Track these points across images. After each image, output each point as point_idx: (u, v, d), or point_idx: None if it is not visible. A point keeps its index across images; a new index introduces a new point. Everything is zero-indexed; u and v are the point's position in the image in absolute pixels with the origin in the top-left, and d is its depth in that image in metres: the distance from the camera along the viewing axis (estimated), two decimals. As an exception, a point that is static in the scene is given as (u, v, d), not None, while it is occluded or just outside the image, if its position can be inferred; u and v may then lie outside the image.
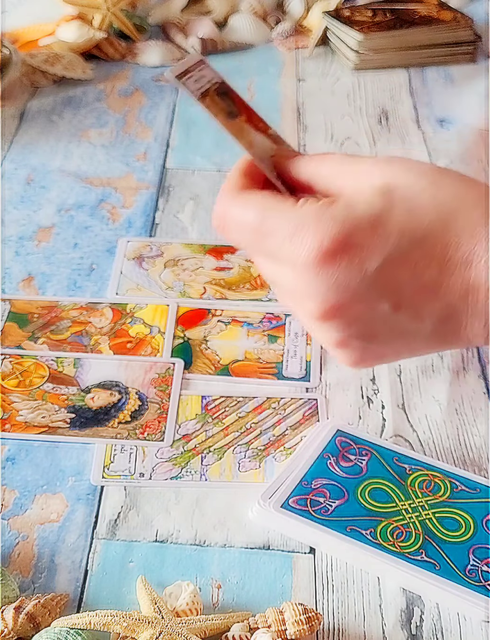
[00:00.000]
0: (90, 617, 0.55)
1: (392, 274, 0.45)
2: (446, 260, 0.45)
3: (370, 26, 1.28)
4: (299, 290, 0.47)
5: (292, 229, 0.46)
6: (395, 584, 0.60)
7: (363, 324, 0.48)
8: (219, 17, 1.38)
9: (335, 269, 0.45)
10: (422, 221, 0.45)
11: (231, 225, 0.49)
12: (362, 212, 0.45)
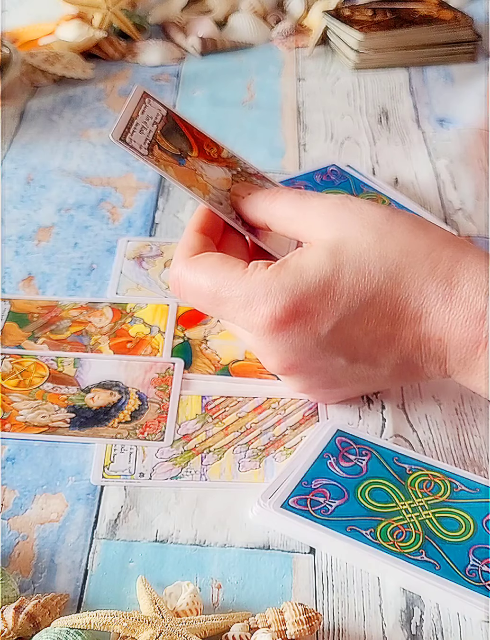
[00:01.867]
0: (90, 617, 0.55)
1: (345, 333, 0.48)
2: (397, 316, 0.47)
3: (370, 25, 1.28)
4: (257, 348, 0.51)
5: (244, 299, 0.48)
6: (395, 584, 0.60)
7: (322, 375, 0.52)
8: (219, 16, 1.38)
9: (290, 335, 0.48)
10: (371, 281, 0.47)
11: (186, 290, 0.52)
12: (311, 277, 0.47)
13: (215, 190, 0.51)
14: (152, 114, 0.50)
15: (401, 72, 1.28)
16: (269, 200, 0.52)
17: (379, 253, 0.47)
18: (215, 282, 0.50)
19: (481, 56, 1.31)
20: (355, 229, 0.48)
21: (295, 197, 0.51)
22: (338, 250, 0.47)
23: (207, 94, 1.21)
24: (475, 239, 0.94)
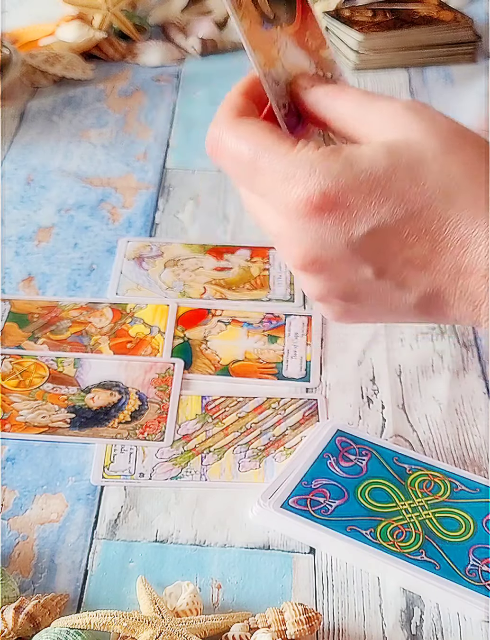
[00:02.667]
0: (90, 617, 0.55)
1: (380, 242, 0.43)
2: (441, 238, 0.42)
3: (370, 26, 1.28)
4: (283, 235, 0.46)
5: (284, 173, 0.43)
6: (395, 584, 0.60)
7: (343, 283, 0.46)
8: (219, 17, 1.38)
9: (321, 225, 0.43)
10: (423, 192, 0.42)
11: (224, 153, 0.47)
12: (362, 170, 0.42)
13: (282, 70, 0.47)
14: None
15: (401, 73, 1.28)
16: (333, 95, 0.47)
17: (441, 166, 0.42)
18: (257, 150, 0.44)
19: (481, 57, 1.31)
20: (422, 135, 0.43)
21: (362, 95, 0.47)
22: (398, 151, 0.42)
23: (207, 94, 1.21)
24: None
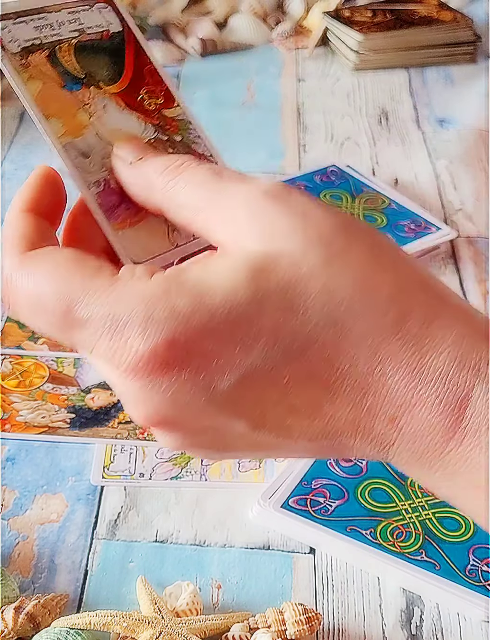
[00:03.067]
0: (90, 617, 0.55)
1: (252, 392, 0.32)
2: (332, 380, 0.32)
3: (370, 26, 1.28)
4: (124, 393, 0.33)
5: (111, 322, 0.31)
6: (395, 584, 0.60)
7: (209, 437, 0.34)
8: (219, 17, 1.38)
9: (172, 383, 0.32)
10: (304, 324, 0.31)
11: (20, 301, 0.34)
12: (218, 305, 0.31)
13: (95, 139, 0.36)
14: (90, 20, 0.37)
15: (401, 73, 1.28)
16: (170, 174, 0.35)
17: (324, 284, 0.31)
18: (66, 292, 0.32)
19: (481, 57, 1.31)
20: (294, 241, 0.32)
21: (208, 175, 0.35)
22: (264, 271, 0.31)
23: (207, 94, 1.21)
24: (475, 239, 0.94)
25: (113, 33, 0.38)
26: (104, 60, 0.38)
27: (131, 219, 0.37)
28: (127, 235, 0.37)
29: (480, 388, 0.30)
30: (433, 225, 0.93)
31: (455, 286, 0.87)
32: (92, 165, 0.37)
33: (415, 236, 0.91)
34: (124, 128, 0.37)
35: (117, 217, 0.36)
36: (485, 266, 0.90)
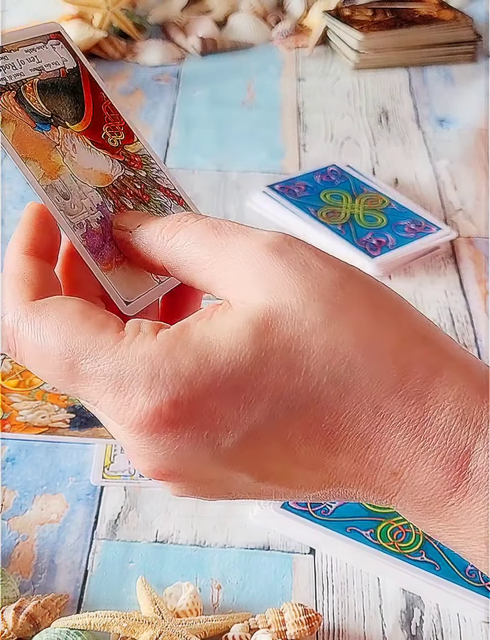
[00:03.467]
0: (90, 618, 0.55)
1: (256, 448, 0.33)
2: (335, 437, 0.32)
3: (370, 26, 1.28)
4: (129, 447, 0.34)
5: (115, 380, 0.32)
6: (395, 585, 0.60)
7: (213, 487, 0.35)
8: (219, 16, 1.38)
9: (177, 440, 0.32)
10: (307, 383, 0.32)
11: (26, 352, 0.34)
12: (222, 364, 0.32)
13: (69, 180, 0.36)
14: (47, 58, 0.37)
15: (401, 72, 1.28)
16: (168, 233, 0.36)
17: (326, 342, 0.32)
18: (72, 347, 0.33)
19: (481, 56, 1.31)
20: (296, 297, 0.32)
21: (207, 230, 0.35)
22: (267, 328, 0.32)
23: (207, 94, 1.21)
24: (475, 239, 0.94)
25: (69, 70, 0.38)
26: (65, 99, 0.38)
27: (115, 258, 0.37)
28: (115, 275, 0.37)
29: (482, 444, 0.31)
30: (433, 225, 0.93)
31: (455, 286, 0.87)
32: (73, 206, 0.37)
33: (415, 236, 0.91)
34: (94, 167, 0.37)
35: (103, 258, 0.37)
36: (485, 266, 0.90)
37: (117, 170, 0.38)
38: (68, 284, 0.37)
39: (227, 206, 0.98)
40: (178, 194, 0.40)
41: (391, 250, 0.89)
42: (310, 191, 0.97)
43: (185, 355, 0.32)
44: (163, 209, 0.39)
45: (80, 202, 0.37)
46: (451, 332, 0.81)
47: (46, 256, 0.36)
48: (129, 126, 0.39)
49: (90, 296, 0.37)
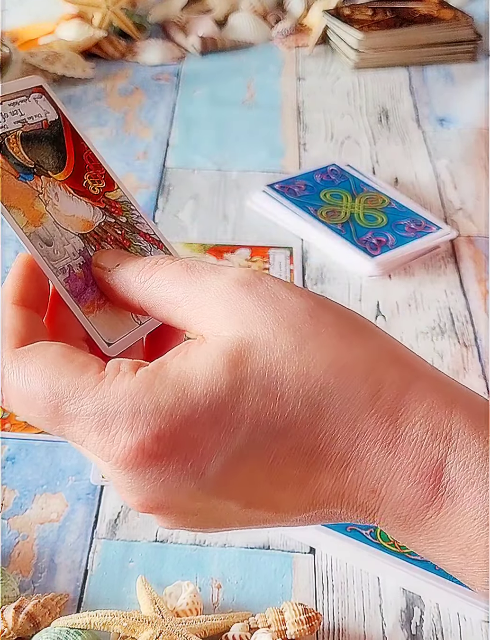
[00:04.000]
0: (90, 617, 0.55)
1: (239, 474, 0.34)
2: (314, 457, 0.34)
3: (370, 25, 1.28)
4: (116, 482, 0.35)
5: (99, 418, 0.34)
6: (395, 584, 0.60)
7: (202, 517, 0.36)
8: (219, 15, 1.38)
9: (161, 472, 0.34)
10: (283, 408, 0.33)
11: (12, 397, 0.36)
12: (200, 396, 0.33)
13: (52, 227, 0.38)
14: (29, 111, 0.39)
15: (401, 72, 1.28)
16: (145, 274, 0.37)
17: (298, 368, 0.33)
18: (55, 390, 0.34)
19: (481, 55, 1.31)
20: (267, 327, 0.34)
21: (181, 270, 0.37)
22: (241, 358, 0.33)
23: (207, 93, 1.21)
24: (476, 239, 0.94)
25: (51, 121, 0.40)
26: (47, 149, 0.39)
27: (97, 301, 0.39)
28: (97, 318, 0.39)
29: (453, 457, 0.32)
30: (433, 225, 0.93)
31: (455, 285, 0.87)
32: (56, 252, 0.38)
33: (415, 235, 0.91)
34: (76, 214, 0.39)
35: (85, 302, 0.38)
36: (485, 266, 0.90)
37: (98, 217, 0.40)
38: (53, 329, 0.39)
39: (227, 206, 0.98)
40: (157, 238, 0.41)
41: (391, 249, 0.89)
42: (310, 190, 0.97)
43: (164, 389, 0.33)
44: (143, 253, 0.40)
45: (63, 248, 0.38)
46: (451, 331, 0.81)
47: (34, 305, 0.38)
48: (109, 174, 0.41)
49: (75, 340, 0.38)
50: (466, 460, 0.32)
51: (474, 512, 0.32)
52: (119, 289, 0.38)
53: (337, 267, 0.89)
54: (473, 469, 0.32)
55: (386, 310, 0.84)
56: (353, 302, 0.85)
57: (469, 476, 0.32)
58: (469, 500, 0.32)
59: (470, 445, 0.32)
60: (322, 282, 0.88)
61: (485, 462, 0.32)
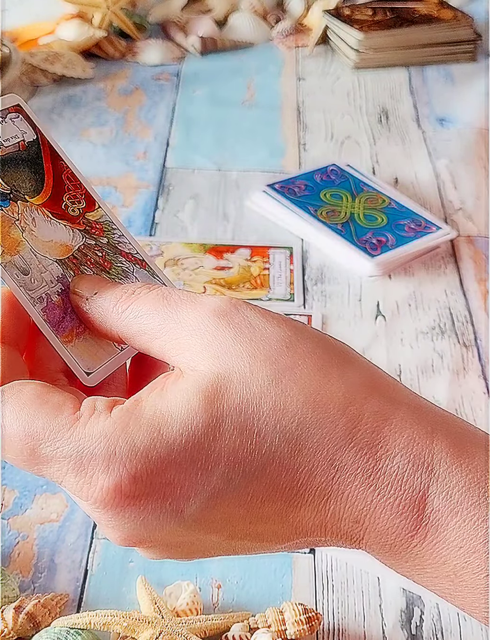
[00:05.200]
0: (90, 617, 0.55)
1: (219, 512, 0.34)
2: (294, 492, 0.34)
3: (370, 25, 1.28)
4: (95, 519, 0.36)
5: (74, 461, 0.34)
6: (395, 584, 0.60)
7: (186, 549, 0.37)
8: (219, 15, 1.38)
9: (140, 512, 0.34)
10: (260, 445, 0.33)
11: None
12: (175, 435, 0.33)
13: (29, 255, 0.37)
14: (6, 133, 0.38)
15: (401, 72, 1.28)
16: (122, 305, 0.37)
17: (274, 403, 0.33)
18: (31, 433, 0.34)
19: (481, 56, 1.31)
20: (243, 361, 0.34)
21: (157, 301, 0.36)
22: (217, 395, 0.33)
23: (207, 93, 1.21)
24: (475, 239, 0.94)
25: (28, 142, 0.38)
26: (24, 172, 0.38)
27: (76, 329, 0.38)
28: (76, 347, 0.38)
29: (436, 487, 0.32)
30: (433, 225, 0.92)
31: (455, 285, 0.87)
32: (33, 281, 0.37)
33: (415, 235, 0.91)
34: (54, 239, 0.38)
35: (63, 330, 0.37)
36: (485, 265, 0.90)
37: (77, 240, 0.39)
38: (31, 363, 0.39)
39: (227, 205, 0.98)
40: (140, 257, 0.40)
41: (391, 249, 0.89)
42: (310, 190, 0.97)
43: (139, 430, 0.33)
44: (125, 274, 0.39)
45: (40, 276, 0.37)
46: (451, 331, 0.81)
47: (13, 341, 0.38)
48: (89, 193, 0.40)
49: (53, 372, 0.38)
50: (449, 490, 0.32)
51: (459, 540, 0.32)
52: (96, 319, 0.38)
53: (337, 267, 0.89)
54: (456, 498, 0.32)
55: (386, 310, 0.84)
56: (353, 302, 0.85)
57: (452, 505, 0.32)
58: (454, 530, 0.32)
59: (453, 475, 0.32)
60: (322, 282, 0.88)
61: (468, 492, 0.32)
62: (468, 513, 0.32)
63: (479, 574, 0.32)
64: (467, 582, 0.32)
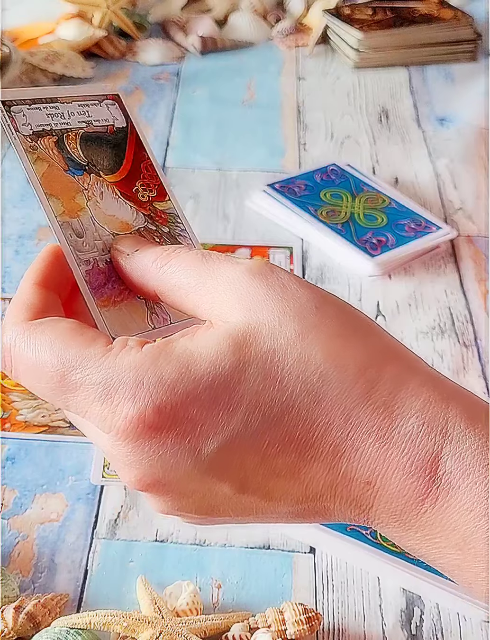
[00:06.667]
0: (90, 617, 0.55)
1: (235, 457, 0.35)
2: (309, 445, 0.34)
3: (370, 24, 1.28)
4: (114, 456, 0.36)
5: (103, 388, 0.35)
6: (395, 584, 0.60)
7: (196, 500, 0.37)
8: (219, 15, 1.38)
9: (160, 446, 0.35)
10: (281, 392, 0.34)
11: (21, 366, 0.37)
12: (202, 373, 0.34)
13: (89, 222, 0.39)
14: (98, 114, 0.41)
15: (401, 71, 1.28)
16: (162, 261, 0.38)
17: (299, 354, 0.34)
18: (63, 359, 0.35)
19: (481, 55, 1.31)
20: (273, 314, 0.35)
21: (196, 259, 0.38)
22: (246, 341, 0.34)
23: (207, 93, 1.21)
24: (476, 238, 0.94)
25: (117, 128, 0.41)
26: (105, 151, 0.41)
27: (115, 298, 0.40)
28: (110, 313, 0.39)
29: (449, 449, 0.33)
30: (433, 225, 0.92)
31: (455, 285, 0.87)
32: (85, 244, 0.39)
33: (415, 235, 0.91)
34: (117, 215, 0.40)
35: (102, 295, 0.39)
36: (485, 265, 0.90)
37: (139, 222, 0.41)
38: (70, 312, 0.40)
39: (227, 205, 0.98)
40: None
41: (391, 249, 0.89)
42: (310, 190, 0.97)
43: (168, 364, 0.34)
44: None
45: (93, 243, 0.39)
46: (451, 331, 0.81)
47: (54, 289, 0.39)
48: (163, 186, 0.42)
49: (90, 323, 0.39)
50: (462, 452, 0.33)
51: (470, 503, 0.32)
52: (135, 274, 0.39)
53: (337, 267, 0.89)
54: (469, 460, 0.32)
55: (386, 310, 0.84)
56: (353, 302, 0.85)
57: (464, 467, 0.32)
58: (465, 492, 0.32)
59: (466, 438, 0.33)
60: (322, 282, 0.87)
61: (481, 455, 0.33)
62: (479, 475, 0.32)
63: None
64: (477, 549, 0.32)
